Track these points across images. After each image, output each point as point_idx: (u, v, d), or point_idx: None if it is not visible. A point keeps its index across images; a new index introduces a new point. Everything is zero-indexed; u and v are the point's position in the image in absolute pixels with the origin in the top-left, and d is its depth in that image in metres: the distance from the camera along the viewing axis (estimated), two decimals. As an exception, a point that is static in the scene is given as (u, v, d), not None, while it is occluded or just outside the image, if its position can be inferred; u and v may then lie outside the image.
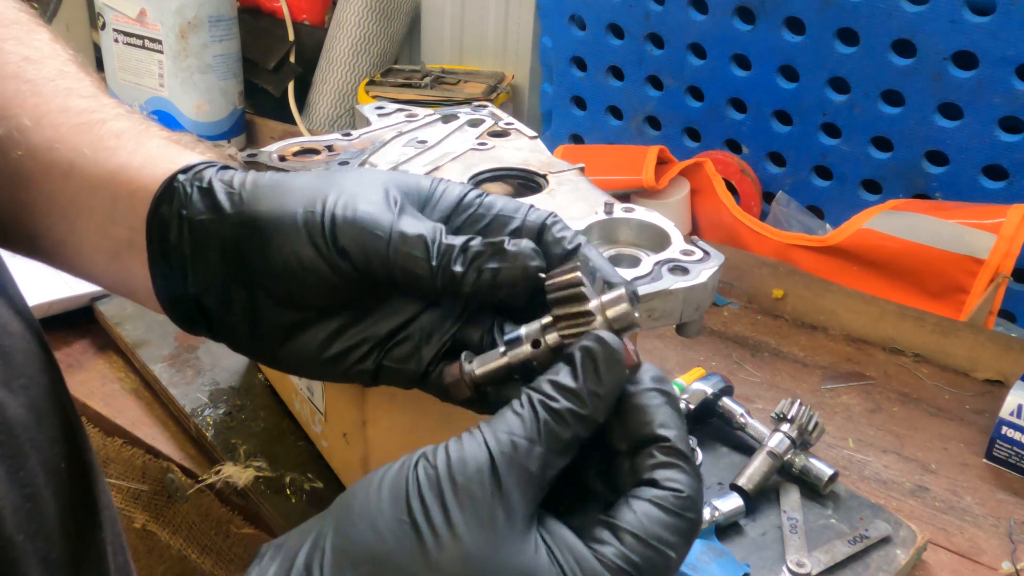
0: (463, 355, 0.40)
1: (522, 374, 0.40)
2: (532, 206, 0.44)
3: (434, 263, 0.40)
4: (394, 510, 0.33)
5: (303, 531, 0.35)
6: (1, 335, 0.32)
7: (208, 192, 0.43)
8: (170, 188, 0.43)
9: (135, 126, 0.46)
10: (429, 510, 0.32)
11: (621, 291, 0.38)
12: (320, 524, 0.35)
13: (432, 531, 0.32)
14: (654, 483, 0.35)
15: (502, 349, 0.40)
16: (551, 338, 0.39)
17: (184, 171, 0.44)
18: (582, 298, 0.38)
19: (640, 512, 0.34)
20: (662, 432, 0.36)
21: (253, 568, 0.34)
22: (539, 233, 0.43)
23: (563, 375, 0.35)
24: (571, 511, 0.36)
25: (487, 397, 0.42)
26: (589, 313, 0.38)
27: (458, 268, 0.40)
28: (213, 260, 0.43)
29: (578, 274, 0.38)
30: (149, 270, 0.44)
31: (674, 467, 0.35)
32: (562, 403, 0.34)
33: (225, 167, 0.45)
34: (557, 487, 0.37)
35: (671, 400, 0.37)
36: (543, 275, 0.40)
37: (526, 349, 0.39)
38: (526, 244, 0.40)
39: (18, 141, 0.44)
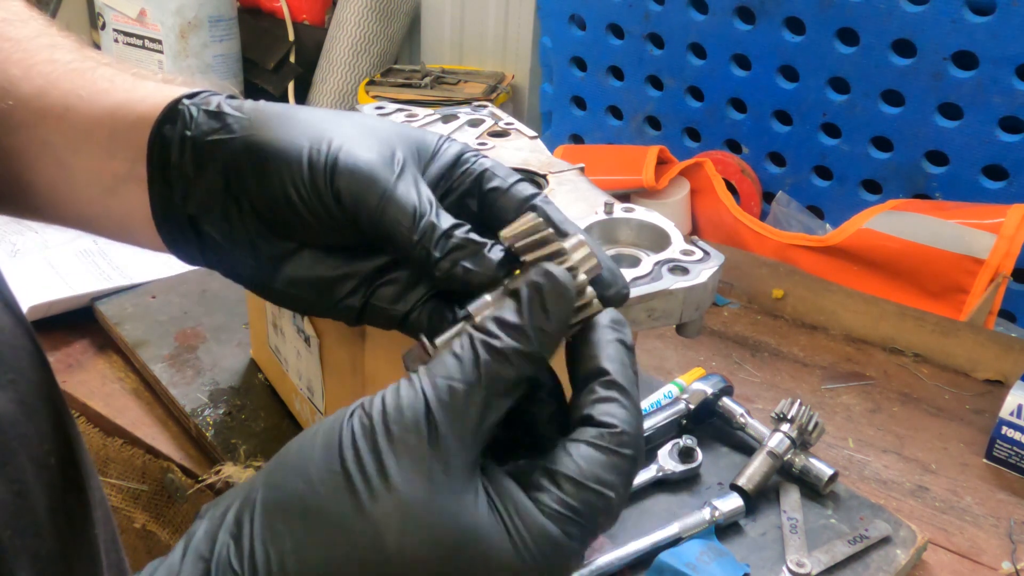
0: (420, 337, 0.38)
1: None
2: (522, 178, 0.45)
3: (415, 238, 0.40)
4: (327, 461, 0.32)
5: (239, 487, 0.34)
6: None
7: (216, 115, 0.43)
8: (174, 111, 0.43)
9: (126, 71, 0.47)
10: (363, 460, 0.31)
11: (579, 236, 0.37)
12: (254, 479, 0.34)
13: (365, 481, 0.31)
14: (591, 420, 0.34)
15: (462, 314, 0.39)
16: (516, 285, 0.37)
17: (190, 96, 0.44)
18: (552, 239, 0.37)
19: (576, 455, 0.33)
20: (605, 365, 0.35)
21: (191, 527, 0.34)
22: (523, 203, 0.43)
23: (507, 311, 0.34)
24: (521, 460, 0.36)
25: None
26: (563, 251, 0.37)
27: (436, 253, 0.39)
28: (215, 181, 0.43)
29: (539, 219, 0.37)
30: (148, 192, 0.44)
31: (611, 401, 0.34)
32: (505, 341, 0.33)
33: (232, 96, 0.45)
34: (511, 436, 0.37)
35: (622, 337, 0.36)
36: (500, 232, 0.39)
37: (487, 300, 0.38)
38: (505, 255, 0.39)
39: (7, 91, 0.44)
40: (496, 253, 0.39)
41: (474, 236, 0.40)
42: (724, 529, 0.66)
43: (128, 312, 0.88)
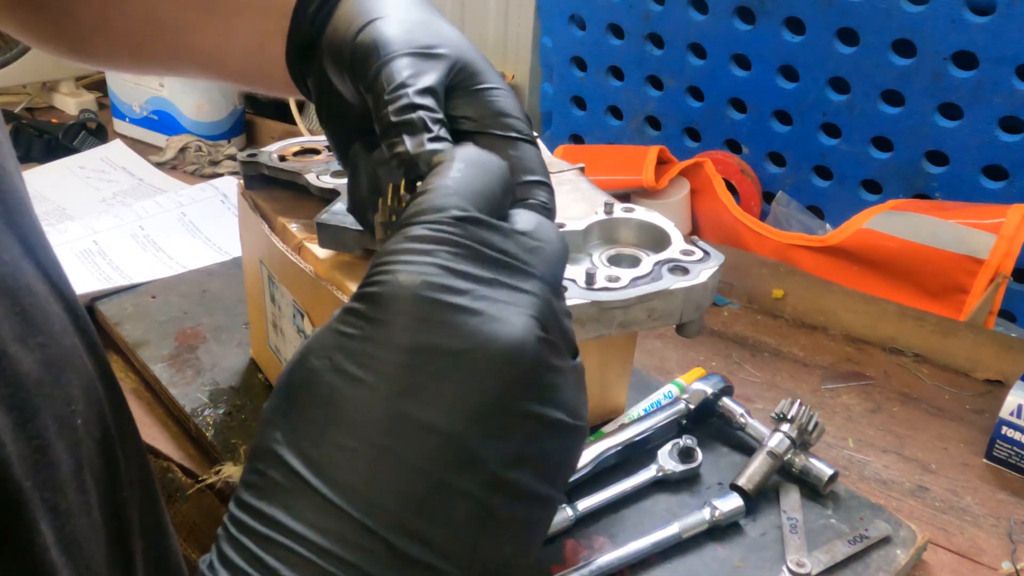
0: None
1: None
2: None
3: (385, 97, 0.41)
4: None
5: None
6: (24, 295, 0.32)
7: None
8: None
9: None
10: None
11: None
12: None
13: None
14: (533, 206, 0.41)
15: None
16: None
17: None
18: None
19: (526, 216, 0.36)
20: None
21: None
22: None
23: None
24: None
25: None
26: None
27: (392, 118, 0.40)
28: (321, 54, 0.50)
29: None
30: (286, 53, 0.53)
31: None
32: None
33: None
34: None
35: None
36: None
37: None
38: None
39: None
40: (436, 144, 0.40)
41: (435, 116, 0.40)
42: (724, 529, 0.66)
43: (128, 312, 0.88)
